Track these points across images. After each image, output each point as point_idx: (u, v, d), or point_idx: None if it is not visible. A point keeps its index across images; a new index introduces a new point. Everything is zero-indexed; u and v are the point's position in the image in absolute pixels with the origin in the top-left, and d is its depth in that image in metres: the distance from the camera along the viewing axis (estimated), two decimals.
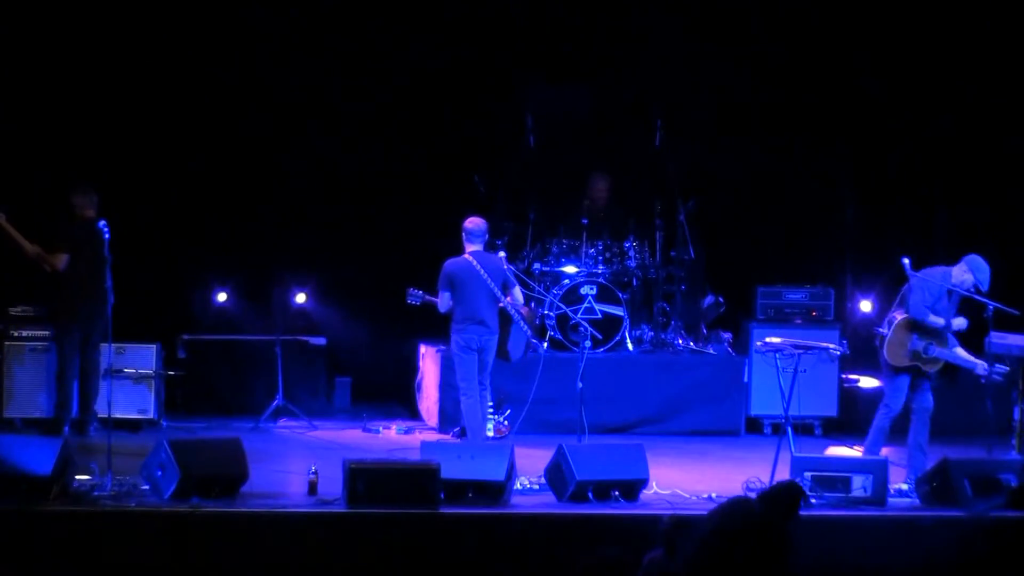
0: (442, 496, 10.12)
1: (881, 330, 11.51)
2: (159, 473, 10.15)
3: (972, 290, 11.40)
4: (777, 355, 11.52)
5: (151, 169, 14.50)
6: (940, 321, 11.38)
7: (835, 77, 15.03)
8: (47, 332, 13.09)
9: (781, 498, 8.47)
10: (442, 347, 13.53)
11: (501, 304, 12.16)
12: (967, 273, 11.45)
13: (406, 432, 13.35)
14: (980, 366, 11.45)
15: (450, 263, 12.11)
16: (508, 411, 13.17)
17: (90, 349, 12.87)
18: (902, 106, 15.05)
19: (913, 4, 14.81)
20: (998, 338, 11.88)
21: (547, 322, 14.05)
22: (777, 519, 8.34)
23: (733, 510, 8.40)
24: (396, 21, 14.76)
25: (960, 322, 11.51)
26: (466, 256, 12.13)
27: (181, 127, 14.58)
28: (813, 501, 10.38)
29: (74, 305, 12.72)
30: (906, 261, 11.47)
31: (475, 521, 10.03)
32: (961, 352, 11.54)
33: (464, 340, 12.07)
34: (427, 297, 12.28)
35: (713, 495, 10.68)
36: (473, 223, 12.18)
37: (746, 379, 14.05)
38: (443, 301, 12.10)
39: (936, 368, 11.52)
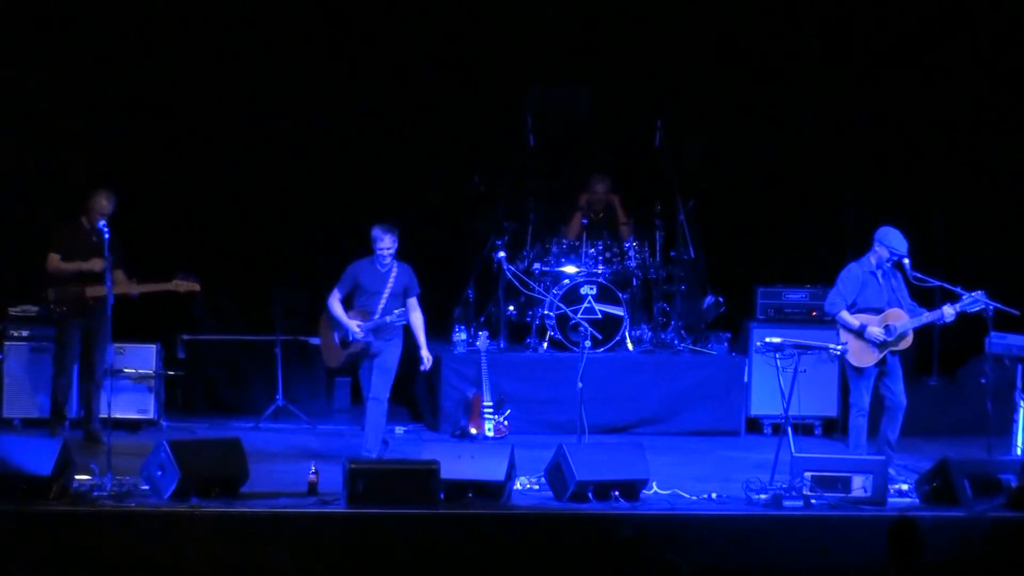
0: (442, 496, 10.13)
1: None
2: (159, 473, 10.15)
3: (891, 262, 11.51)
4: (777, 355, 11.52)
5: (150, 169, 14.47)
6: (855, 322, 11.45)
7: (835, 77, 15.02)
8: (49, 332, 13.00)
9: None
10: (441, 347, 13.57)
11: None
12: (881, 248, 11.55)
13: (406, 432, 13.33)
14: (947, 308, 11.49)
15: None
16: (508, 411, 13.17)
17: None
18: (901, 106, 15.05)
19: (913, 6, 14.83)
20: (998, 338, 11.89)
21: (547, 322, 14.04)
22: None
23: None
24: (396, 21, 14.75)
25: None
26: None
27: (180, 126, 14.56)
28: (813, 502, 10.40)
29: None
30: (906, 261, 11.54)
31: (475, 521, 10.03)
32: (924, 315, 11.59)
33: None
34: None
35: (713, 495, 10.69)
36: None
37: (746, 379, 14.02)
38: None
39: (908, 344, 11.57)
